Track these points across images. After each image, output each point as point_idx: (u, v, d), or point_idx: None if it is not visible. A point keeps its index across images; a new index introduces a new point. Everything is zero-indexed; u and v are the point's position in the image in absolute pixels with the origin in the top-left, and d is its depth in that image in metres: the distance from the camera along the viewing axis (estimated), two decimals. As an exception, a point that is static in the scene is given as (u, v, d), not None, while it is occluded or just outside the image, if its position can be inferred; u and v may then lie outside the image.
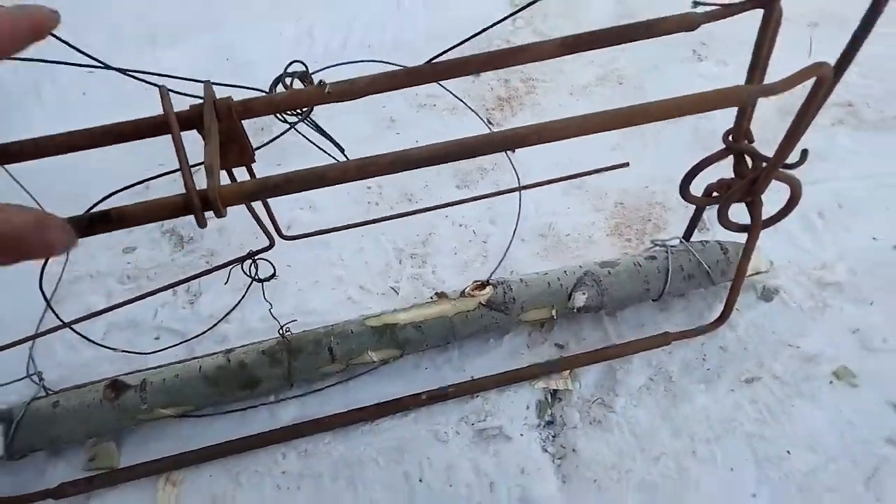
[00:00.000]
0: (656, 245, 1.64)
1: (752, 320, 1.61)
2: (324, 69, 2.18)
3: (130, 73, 1.39)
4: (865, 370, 1.50)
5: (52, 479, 1.44)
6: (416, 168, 0.99)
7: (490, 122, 2.20)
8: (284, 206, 1.97)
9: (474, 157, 1.03)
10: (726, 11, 1.07)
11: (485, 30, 1.49)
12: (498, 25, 2.54)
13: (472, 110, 2.20)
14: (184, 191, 0.85)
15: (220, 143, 1.04)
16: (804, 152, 1.24)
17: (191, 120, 1.00)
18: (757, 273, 1.63)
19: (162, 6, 2.75)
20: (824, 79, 1.04)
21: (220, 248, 1.88)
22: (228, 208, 0.91)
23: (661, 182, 1.95)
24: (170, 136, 0.95)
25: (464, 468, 1.41)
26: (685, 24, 1.11)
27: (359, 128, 2.22)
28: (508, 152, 2.11)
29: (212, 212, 0.89)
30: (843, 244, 1.74)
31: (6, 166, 1.20)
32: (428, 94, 2.31)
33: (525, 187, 1.74)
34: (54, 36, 1.32)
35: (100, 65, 1.35)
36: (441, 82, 2.31)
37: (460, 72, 1.11)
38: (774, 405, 1.46)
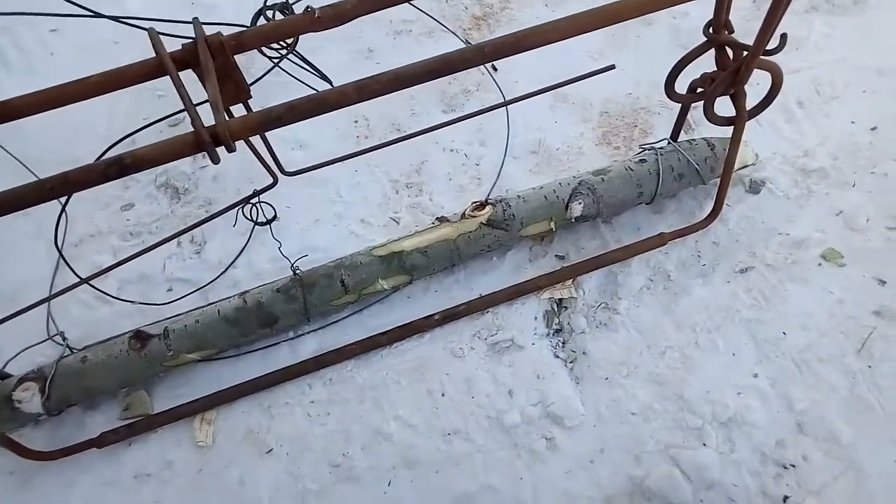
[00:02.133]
0: (645, 149, 1.68)
1: (742, 213, 1.67)
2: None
3: (119, 18, 1.36)
4: (851, 249, 1.58)
5: (93, 431, 1.51)
6: (415, 84, 1.01)
7: (469, 43, 2.18)
8: (277, 147, 1.96)
9: (467, 68, 1.05)
10: None
11: None
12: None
13: (450, 30, 2.17)
14: (191, 130, 0.87)
15: (217, 80, 1.05)
16: (783, 37, 1.26)
17: (185, 60, 1.01)
18: (744, 167, 1.68)
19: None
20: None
21: (217, 196, 1.89)
22: (224, 155, 0.93)
23: (644, 87, 1.96)
24: (146, 86, 0.96)
25: (482, 379, 1.50)
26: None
27: (337, 61, 2.18)
28: (491, 70, 2.10)
29: (223, 147, 0.92)
30: (823, 130, 1.78)
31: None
32: (403, 19, 2.26)
33: (510, 102, 1.74)
34: None
35: (89, 13, 1.32)
36: (418, 6, 2.26)
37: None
38: (768, 291, 1.54)
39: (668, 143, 1.66)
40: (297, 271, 1.56)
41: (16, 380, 1.48)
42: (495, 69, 2.10)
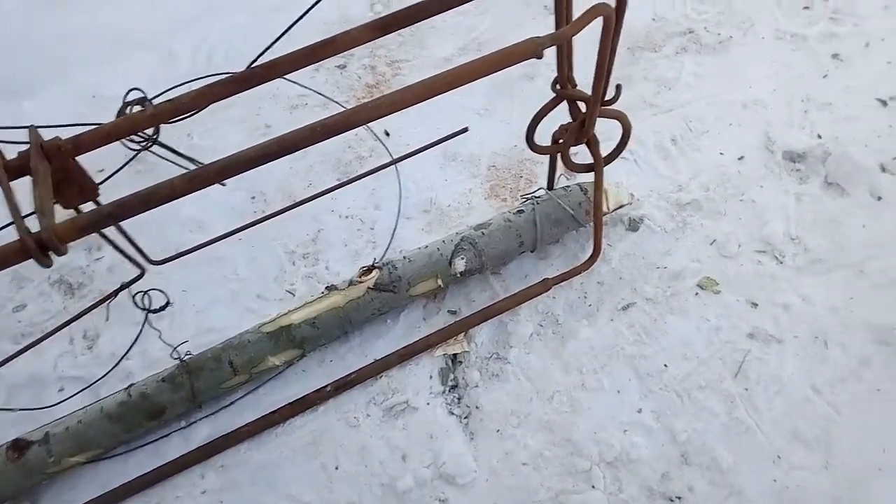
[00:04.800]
0: (525, 199, 1.73)
1: (624, 251, 1.73)
2: (170, 89, 2.17)
3: None
4: (725, 276, 1.64)
5: (-24, 550, 1.44)
6: (251, 167, 1.03)
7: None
8: (174, 232, 1.98)
9: (333, 136, 1.07)
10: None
11: (291, 26, 1.53)
12: (360, 13, 2.57)
13: (338, 103, 2.24)
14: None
15: (57, 182, 1.06)
16: (618, 87, 1.33)
17: (21, 167, 1.02)
18: (620, 207, 1.74)
19: (8, 59, 2.65)
20: (608, 17, 1.13)
21: (111, 287, 1.87)
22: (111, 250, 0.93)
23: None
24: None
25: (377, 447, 1.49)
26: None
27: (237, 139, 2.22)
28: (384, 136, 2.16)
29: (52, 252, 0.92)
30: (695, 164, 1.87)
31: None
32: (298, 94, 2.32)
33: (396, 160, 1.79)
34: None
35: None
36: (304, 83, 2.32)
37: (275, 73, 1.16)
38: (649, 325, 1.58)
39: (545, 191, 1.72)
40: (184, 357, 1.54)
41: None
42: (388, 135, 2.16)
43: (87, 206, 1.21)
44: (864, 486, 1.32)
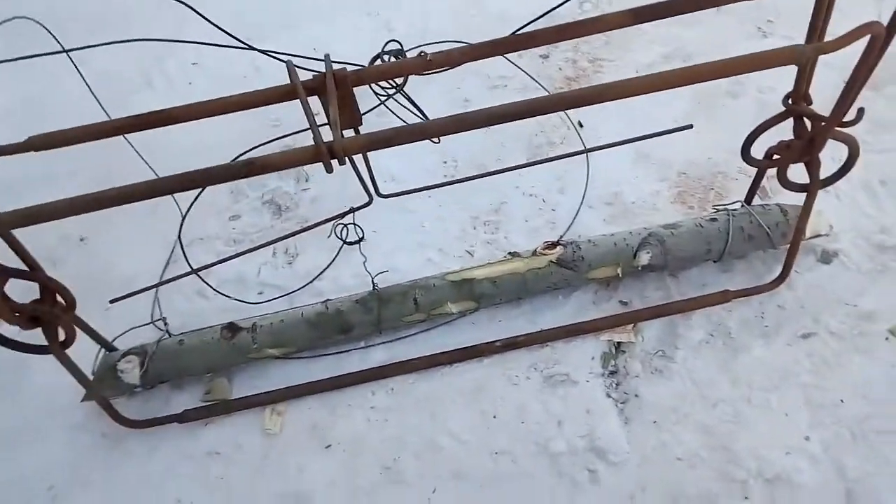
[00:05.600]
0: (718, 209, 1.74)
1: (811, 281, 1.69)
2: (413, 48, 2.36)
3: (266, 51, 1.61)
4: (924, 329, 1.56)
5: (177, 407, 1.68)
6: (505, 121, 1.15)
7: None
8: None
9: (547, 113, 1.18)
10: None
11: (552, 10, 1.62)
12: (566, 10, 2.66)
13: (543, 87, 2.34)
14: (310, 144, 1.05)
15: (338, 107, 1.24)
16: (860, 111, 1.32)
17: (314, 88, 1.20)
18: (817, 236, 1.71)
19: (251, 9, 2.98)
20: (878, 36, 1.14)
21: (313, 216, 2.09)
22: (328, 179, 1.10)
23: (724, 152, 2.03)
24: (263, 116, 1.14)
25: (534, 408, 1.57)
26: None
27: (437, 109, 2.36)
28: (577, 126, 2.24)
29: (335, 160, 1.09)
30: (905, 211, 1.78)
31: (134, 146, 1.42)
32: (500, 75, 2.45)
33: (590, 150, 1.87)
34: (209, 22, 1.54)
35: (244, 45, 1.57)
36: (515, 62, 2.44)
37: (539, 41, 1.26)
38: (830, 358, 1.55)
39: (742, 205, 1.72)
40: (377, 286, 1.71)
41: (121, 353, 1.69)
42: (581, 126, 2.24)
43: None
44: None
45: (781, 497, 1.36)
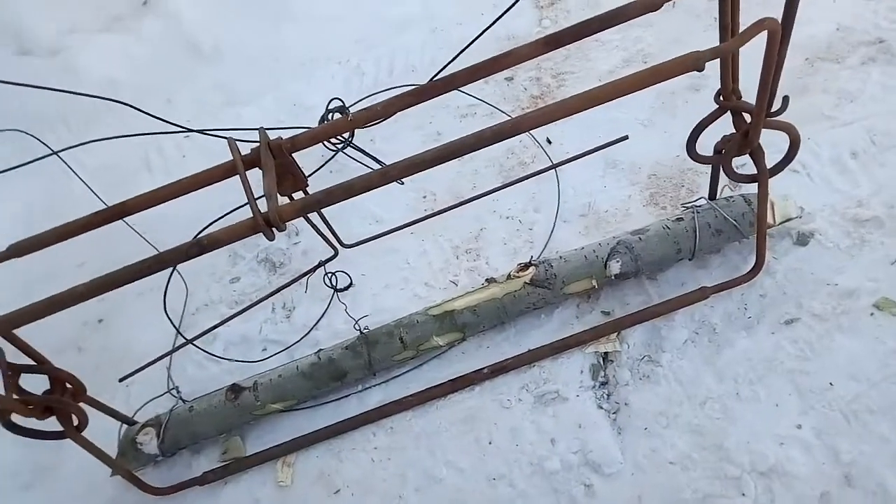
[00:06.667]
0: (686, 208, 1.76)
1: (790, 265, 1.68)
2: (361, 100, 2.47)
3: (205, 131, 1.71)
4: (908, 298, 1.54)
5: (198, 471, 1.77)
6: (431, 166, 1.21)
7: (527, 120, 2.38)
8: (356, 223, 2.25)
9: (497, 142, 1.22)
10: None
11: (470, 44, 1.70)
12: (526, 28, 2.72)
13: (504, 112, 2.40)
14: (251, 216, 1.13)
15: (278, 174, 1.32)
16: (785, 98, 1.34)
17: (253, 161, 1.29)
18: (787, 220, 1.70)
19: (234, 75, 3.14)
20: (774, 32, 1.17)
21: (305, 267, 2.18)
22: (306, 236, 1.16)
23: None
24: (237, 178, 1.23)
25: (527, 429, 1.60)
26: (650, 5, 1.26)
27: (411, 143, 2.46)
28: (546, 144, 2.28)
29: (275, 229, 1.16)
30: (878, 180, 1.76)
31: (127, 220, 1.54)
32: (468, 104, 2.52)
33: (556, 165, 1.92)
34: (146, 113, 1.71)
35: (184, 129, 1.68)
36: (480, 90, 2.50)
37: (456, 84, 1.33)
38: (815, 341, 1.54)
39: (706, 201, 1.74)
40: (363, 330, 1.78)
41: (139, 426, 1.79)
42: (550, 143, 2.28)
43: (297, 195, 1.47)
44: None
45: (778, 489, 1.36)
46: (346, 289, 2.01)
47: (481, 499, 1.51)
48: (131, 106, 1.74)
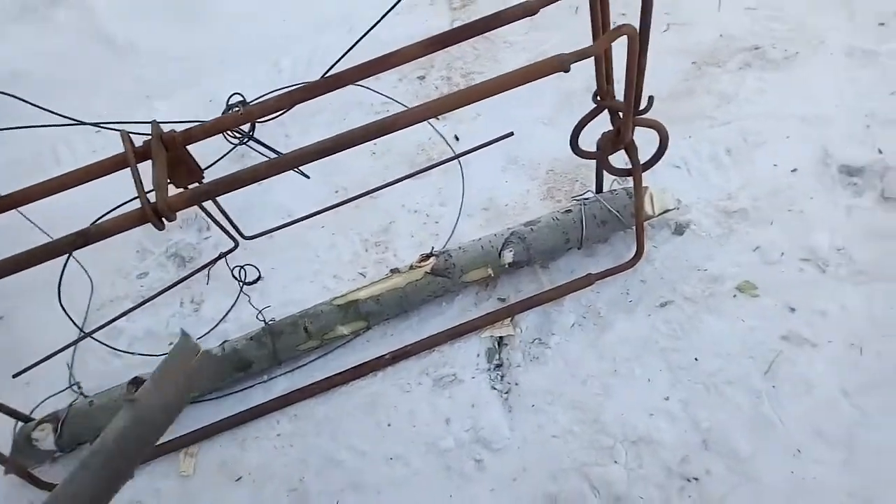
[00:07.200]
0: (575, 200, 1.88)
1: (667, 253, 1.83)
2: (262, 96, 2.50)
3: (99, 124, 1.71)
4: (765, 281, 1.71)
5: (99, 466, 1.76)
6: (338, 151, 1.26)
7: (437, 118, 2.46)
8: (269, 217, 2.26)
9: (384, 135, 1.28)
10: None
11: (357, 42, 1.79)
12: (442, 29, 2.79)
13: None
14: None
15: (172, 166, 1.34)
16: (650, 98, 1.46)
17: (144, 153, 1.31)
18: (666, 211, 1.85)
19: (150, 70, 3.08)
20: (632, 37, 1.28)
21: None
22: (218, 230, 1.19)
23: (584, 146, 2.17)
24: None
25: (424, 411, 1.68)
26: (528, 10, 1.36)
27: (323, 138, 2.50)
28: (454, 140, 2.37)
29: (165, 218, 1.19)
30: (747, 175, 1.94)
31: (21, 209, 1.52)
32: (382, 101, 2.58)
33: (456, 157, 2.01)
34: (51, 111, 1.70)
35: (76, 122, 1.68)
36: (393, 88, 2.55)
37: (344, 82, 1.39)
38: (685, 322, 1.68)
39: (593, 194, 1.86)
40: (268, 321, 1.81)
41: (35, 422, 1.76)
42: (457, 139, 2.37)
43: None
44: (882, 486, 1.36)
45: (646, 454, 1.49)
46: (254, 282, 2.03)
47: (378, 478, 1.58)
48: (16, 97, 1.72)
